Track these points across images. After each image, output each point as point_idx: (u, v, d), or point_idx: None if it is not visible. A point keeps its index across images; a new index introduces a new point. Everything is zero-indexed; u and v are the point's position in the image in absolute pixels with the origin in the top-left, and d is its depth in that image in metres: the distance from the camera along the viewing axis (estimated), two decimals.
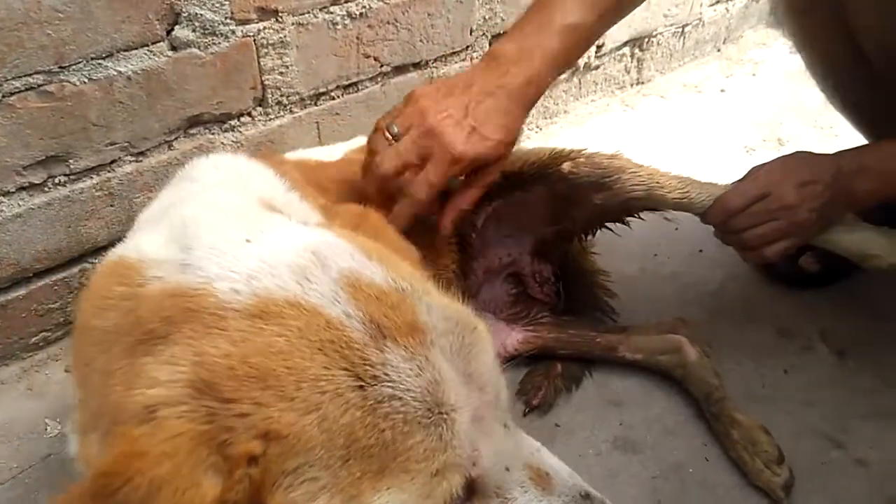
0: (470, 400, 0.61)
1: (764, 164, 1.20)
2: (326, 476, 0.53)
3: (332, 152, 1.21)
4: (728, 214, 1.18)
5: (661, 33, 2.18)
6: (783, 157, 1.22)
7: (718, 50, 2.45)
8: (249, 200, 0.77)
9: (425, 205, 0.99)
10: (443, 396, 0.58)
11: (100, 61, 1.13)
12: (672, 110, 2.16)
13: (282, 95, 1.38)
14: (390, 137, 0.99)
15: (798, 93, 2.21)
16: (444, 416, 0.58)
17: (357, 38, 1.44)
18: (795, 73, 2.34)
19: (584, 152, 1.22)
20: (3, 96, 1.07)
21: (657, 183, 1.25)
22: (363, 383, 0.55)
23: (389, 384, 0.55)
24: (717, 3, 2.33)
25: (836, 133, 1.99)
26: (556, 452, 1.13)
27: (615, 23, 1.17)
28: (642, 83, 2.25)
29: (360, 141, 1.20)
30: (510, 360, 1.29)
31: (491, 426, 0.63)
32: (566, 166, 1.19)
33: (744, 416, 1.14)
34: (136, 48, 1.16)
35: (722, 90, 2.26)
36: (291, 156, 1.18)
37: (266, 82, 1.34)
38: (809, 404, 1.22)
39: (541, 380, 1.25)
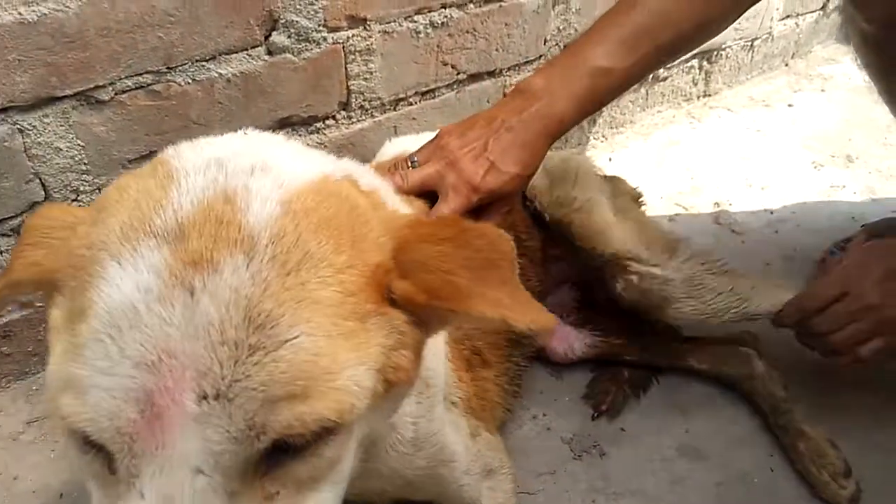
0: (164, 380, 0.49)
1: (841, 259, 1.15)
2: (64, 302, 0.55)
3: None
4: (803, 316, 1.13)
5: (729, 46, 2.19)
6: (862, 247, 1.17)
7: (786, 64, 2.44)
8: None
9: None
10: (128, 333, 0.49)
11: (203, 63, 1.20)
12: (739, 124, 2.16)
13: (365, 100, 1.44)
14: (409, 167, 1.05)
15: (867, 109, 2.19)
16: (109, 341, 0.50)
17: (437, 46, 1.49)
18: (864, 90, 2.31)
19: (635, 269, 1.17)
20: (116, 94, 1.14)
21: (709, 311, 1.18)
22: (114, 254, 0.52)
23: (120, 272, 0.51)
24: (788, 17, 2.32)
25: None
26: (622, 457, 1.17)
27: (653, 71, 1.12)
28: (709, 95, 2.25)
29: None
30: (577, 364, 1.32)
31: (166, 438, 0.49)
32: (618, 286, 1.19)
33: (811, 429, 1.16)
34: (237, 52, 1.23)
35: (790, 105, 2.25)
36: (392, 150, 1.24)
37: (351, 87, 1.40)
38: (877, 419, 1.22)
39: (608, 385, 1.28)
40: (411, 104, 1.54)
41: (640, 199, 1.40)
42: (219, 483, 0.49)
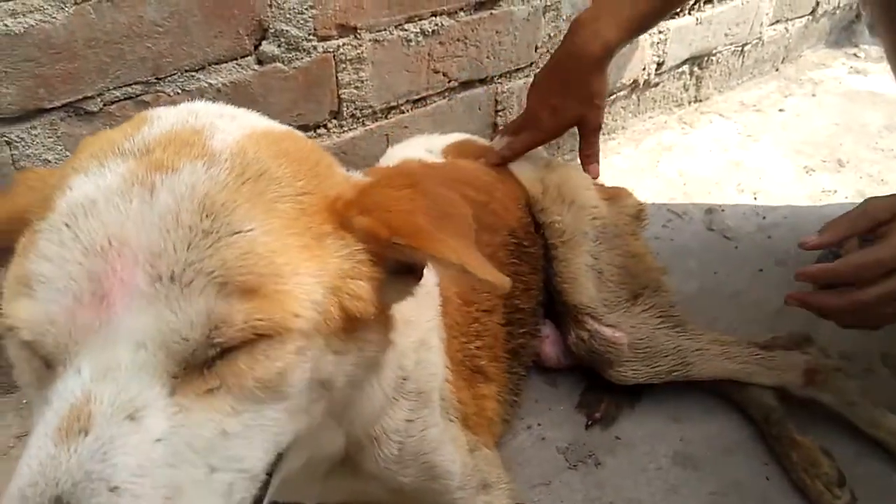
0: (113, 264, 0.49)
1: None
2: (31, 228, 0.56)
3: (432, 145, 1.36)
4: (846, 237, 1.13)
5: (720, 52, 2.19)
6: None
7: (777, 69, 2.45)
8: None
9: (519, 155, 1.35)
10: (83, 217, 0.51)
11: (193, 73, 1.19)
12: (730, 129, 2.16)
13: (356, 108, 1.43)
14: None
15: (857, 114, 2.21)
16: (63, 229, 0.51)
17: (428, 54, 1.48)
18: (855, 94, 2.33)
19: (589, 326, 1.21)
20: (105, 105, 1.14)
21: (652, 373, 1.21)
22: (79, 169, 0.55)
23: (83, 179, 0.53)
24: (777, 22, 2.33)
25: None
26: (617, 466, 1.17)
27: None
28: (700, 101, 2.26)
29: (456, 137, 1.44)
30: (571, 370, 1.32)
31: (111, 315, 0.49)
32: (570, 339, 1.25)
33: (804, 438, 1.15)
34: (226, 62, 1.22)
35: (780, 110, 2.26)
36: (397, 155, 1.30)
37: (342, 96, 1.40)
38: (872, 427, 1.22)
39: (602, 393, 1.27)
40: (403, 112, 1.53)
41: (642, 215, 1.41)
42: (160, 361, 0.49)
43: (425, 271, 0.65)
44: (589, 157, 1.37)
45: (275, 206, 0.54)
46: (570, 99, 1.28)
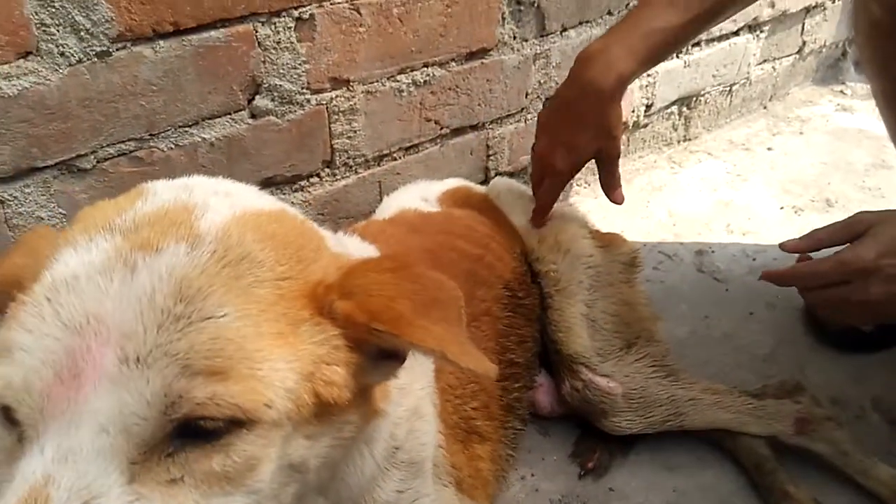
0: (88, 343, 0.50)
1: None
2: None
3: (427, 193, 1.38)
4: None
5: (708, 92, 2.23)
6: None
7: (765, 107, 2.48)
8: None
9: (550, 207, 1.34)
10: (65, 292, 0.52)
11: (186, 129, 1.21)
12: (719, 168, 2.19)
13: (349, 157, 1.45)
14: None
15: (845, 152, 2.23)
16: (44, 304, 0.52)
17: (420, 103, 1.50)
18: (842, 132, 2.36)
19: (583, 375, 1.21)
20: (98, 162, 1.14)
21: (645, 423, 1.21)
22: (70, 242, 0.56)
23: (71, 253, 0.55)
24: (765, 61, 2.36)
25: (883, 195, 2.00)
26: None
27: (708, 27, 1.29)
28: (689, 140, 2.28)
29: (451, 183, 1.46)
30: (564, 419, 1.32)
31: (78, 395, 0.50)
32: (565, 389, 1.25)
33: (796, 489, 1.15)
34: (220, 116, 1.23)
35: (769, 148, 2.28)
36: (393, 205, 1.33)
37: (335, 146, 1.41)
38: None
39: (595, 442, 1.27)
40: (395, 159, 1.55)
41: (636, 262, 1.42)
42: (120, 447, 0.49)
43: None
44: (611, 185, 1.34)
45: (252, 291, 0.55)
46: (585, 134, 1.24)
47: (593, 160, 1.32)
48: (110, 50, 1.08)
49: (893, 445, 1.27)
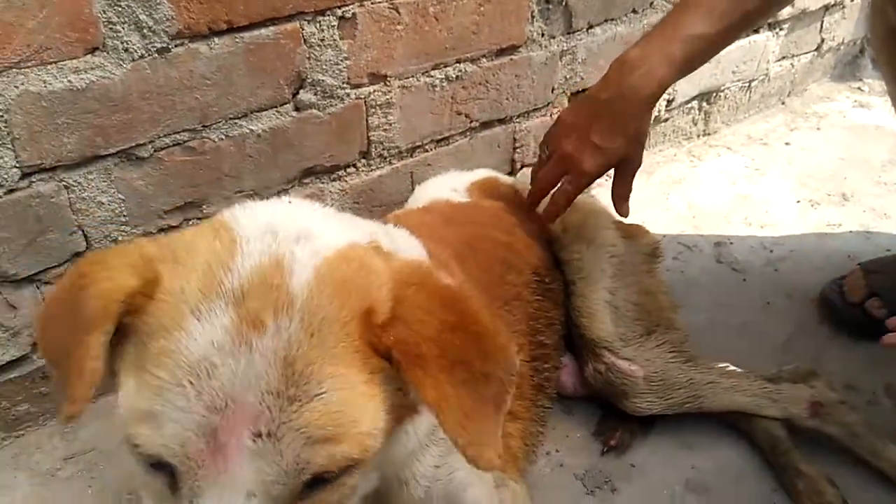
0: (228, 420, 0.59)
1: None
2: (138, 343, 0.64)
3: (456, 184, 1.42)
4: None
5: (728, 88, 2.27)
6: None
7: (783, 103, 2.53)
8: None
9: (566, 207, 1.32)
10: (206, 382, 0.60)
11: (236, 121, 1.28)
12: (738, 162, 2.24)
13: (384, 149, 1.52)
14: (544, 158, 1.33)
15: (861, 148, 2.27)
16: (189, 386, 0.59)
17: (452, 97, 1.57)
18: (859, 128, 2.41)
19: (606, 359, 1.27)
20: (155, 151, 1.22)
21: (665, 405, 1.27)
22: (193, 310, 0.62)
23: (198, 328, 0.61)
24: (784, 58, 2.41)
25: None
26: (632, 492, 1.23)
27: (741, 34, 1.28)
28: (709, 134, 2.33)
29: (480, 174, 1.49)
30: (587, 399, 1.39)
31: (228, 466, 0.60)
32: (588, 371, 1.31)
33: (809, 468, 1.21)
34: (267, 109, 1.31)
35: (787, 143, 2.33)
36: (424, 195, 1.38)
37: (371, 138, 1.48)
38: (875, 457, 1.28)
39: (617, 422, 1.34)
40: (427, 151, 1.61)
41: (657, 252, 1.48)
42: None
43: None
44: (623, 195, 1.33)
45: (338, 355, 0.63)
46: (618, 138, 1.23)
47: None
48: (169, 46, 1.15)
49: None
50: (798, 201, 2.04)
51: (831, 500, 1.16)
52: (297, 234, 0.69)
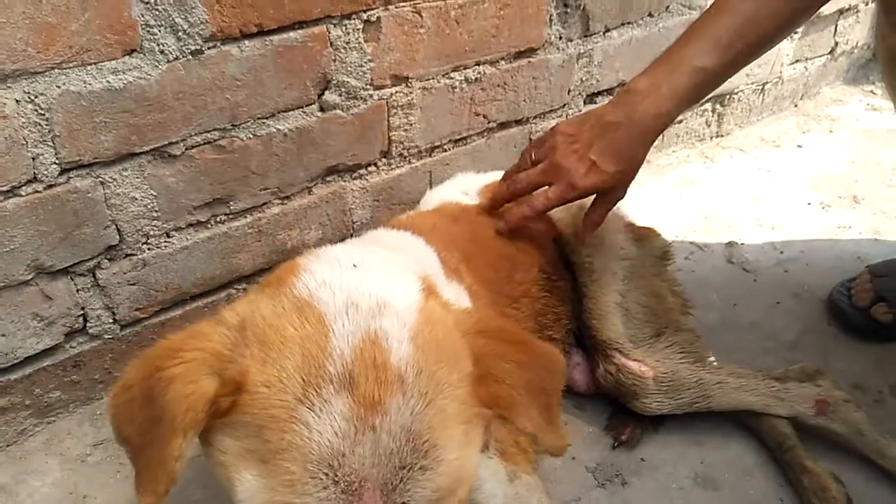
0: (363, 499, 0.64)
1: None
2: (242, 435, 0.67)
3: (468, 187, 1.45)
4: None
5: (741, 90, 2.30)
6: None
7: (796, 105, 2.55)
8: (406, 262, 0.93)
9: (539, 213, 1.28)
10: (338, 467, 0.64)
11: (264, 120, 1.32)
12: (750, 164, 2.27)
13: (404, 149, 1.56)
14: (532, 161, 1.28)
15: (873, 152, 2.30)
16: (325, 478, 0.63)
17: (471, 99, 1.61)
18: (871, 132, 2.43)
19: (617, 360, 1.31)
20: (186, 149, 1.26)
21: (674, 405, 1.31)
22: (302, 400, 0.65)
23: (316, 418, 0.64)
24: (797, 61, 2.43)
25: None
26: (642, 486, 1.27)
27: (745, 65, 1.26)
28: (722, 136, 2.36)
29: (492, 177, 1.48)
30: (599, 396, 1.43)
31: None
32: (599, 372, 1.35)
33: (814, 465, 1.24)
34: (293, 109, 1.35)
35: (799, 146, 2.36)
36: (435, 198, 1.42)
37: (392, 137, 1.52)
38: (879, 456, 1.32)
39: (627, 418, 1.38)
40: (445, 151, 1.66)
41: (668, 255, 1.51)
42: None
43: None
44: (594, 224, 1.30)
45: (451, 418, 0.69)
46: (617, 163, 1.20)
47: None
48: (203, 48, 1.19)
49: None
50: (809, 203, 2.07)
51: (836, 497, 1.20)
52: (377, 303, 0.73)
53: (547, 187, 1.25)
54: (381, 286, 0.76)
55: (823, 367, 1.39)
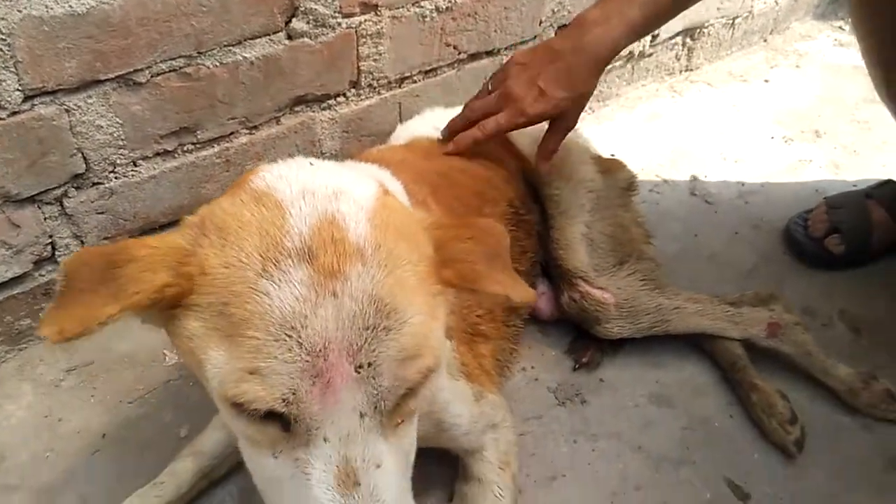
0: (329, 360, 0.66)
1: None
2: (207, 317, 0.69)
3: (439, 121, 1.44)
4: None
5: (712, 24, 2.31)
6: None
7: (765, 40, 2.57)
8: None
9: (489, 137, 1.31)
10: (303, 331, 0.65)
11: (230, 48, 1.31)
12: (717, 98, 2.29)
13: (373, 79, 1.56)
14: (488, 90, 1.33)
15: (838, 87, 2.34)
16: (288, 339, 0.65)
17: (441, 28, 1.60)
18: (837, 67, 2.46)
19: (581, 288, 1.36)
20: (152, 76, 1.26)
21: (634, 329, 1.37)
22: (262, 273, 0.67)
23: (277, 287, 0.66)
24: None
25: (869, 128, 2.12)
26: (601, 404, 1.34)
27: (694, 2, 1.29)
28: (691, 70, 2.38)
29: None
30: (561, 322, 1.48)
31: (338, 397, 0.67)
32: (563, 299, 1.39)
33: (763, 383, 1.31)
34: (260, 37, 1.34)
35: (766, 80, 2.39)
36: (406, 133, 1.43)
37: (361, 67, 1.52)
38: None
39: (589, 341, 1.43)
40: (415, 82, 1.66)
41: (633, 186, 1.55)
42: (377, 421, 0.70)
43: None
44: (548, 152, 1.35)
45: (412, 288, 0.72)
46: (564, 90, 1.25)
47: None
48: None
49: (854, 351, 1.44)
50: (772, 137, 2.11)
51: (782, 412, 1.27)
52: (333, 191, 0.75)
53: (498, 115, 1.29)
54: (337, 179, 0.79)
55: (777, 294, 1.45)
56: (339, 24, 1.43)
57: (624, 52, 2.05)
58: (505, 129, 1.30)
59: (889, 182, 1.68)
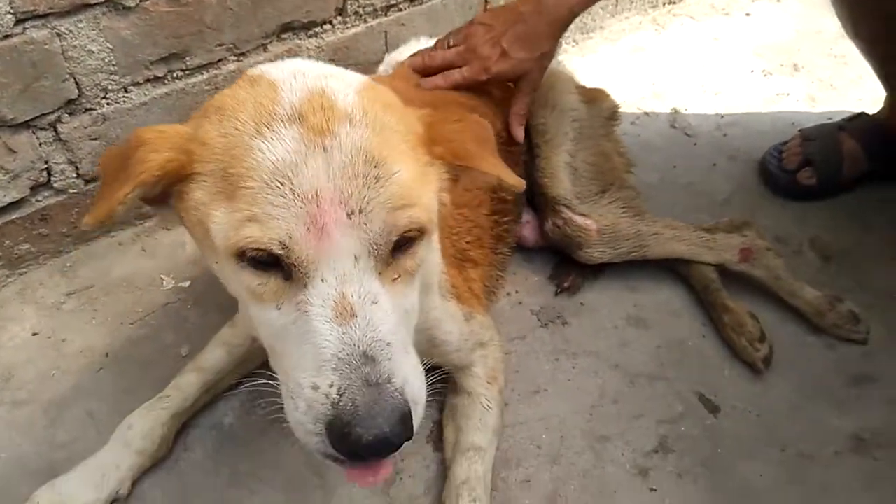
0: (322, 206, 0.71)
1: None
2: (210, 183, 0.76)
3: None
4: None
5: None
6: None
7: None
8: None
9: (450, 86, 1.34)
10: (294, 178, 0.71)
11: None
12: (699, 32, 2.31)
13: (359, 7, 1.56)
14: (449, 46, 1.36)
15: (817, 21, 2.36)
16: (281, 186, 0.71)
17: None
18: (817, 2, 2.47)
19: (564, 214, 1.40)
20: (141, 1, 1.26)
21: (614, 254, 1.42)
22: (255, 135, 0.73)
23: (269, 145, 0.72)
24: None
25: (846, 62, 2.16)
26: (581, 325, 1.41)
27: None
28: (674, 3, 2.38)
29: None
30: (545, 250, 1.53)
31: (332, 241, 0.72)
32: (547, 226, 1.44)
33: (734, 304, 1.38)
34: None
35: (747, 14, 2.40)
36: (395, 61, 1.45)
37: None
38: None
39: (570, 267, 1.49)
40: (401, 10, 1.66)
41: (615, 115, 1.58)
42: (371, 265, 0.75)
43: None
44: (520, 116, 1.39)
45: (402, 149, 0.78)
46: (524, 51, 1.31)
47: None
48: None
49: (823, 277, 1.51)
50: (752, 71, 2.14)
51: (751, 331, 1.34)
52: (323, 73, 0.81)
53: (461, 69, 1.34)
54: (327, 68, 0.85)
55: (750, 221, 1.51)
56: None
57: None
58: (468, 83, 1.34)
59: (862, 115, 1.73)
